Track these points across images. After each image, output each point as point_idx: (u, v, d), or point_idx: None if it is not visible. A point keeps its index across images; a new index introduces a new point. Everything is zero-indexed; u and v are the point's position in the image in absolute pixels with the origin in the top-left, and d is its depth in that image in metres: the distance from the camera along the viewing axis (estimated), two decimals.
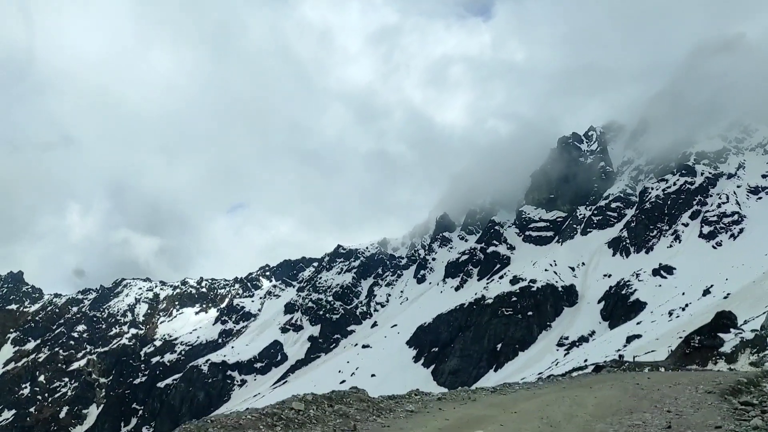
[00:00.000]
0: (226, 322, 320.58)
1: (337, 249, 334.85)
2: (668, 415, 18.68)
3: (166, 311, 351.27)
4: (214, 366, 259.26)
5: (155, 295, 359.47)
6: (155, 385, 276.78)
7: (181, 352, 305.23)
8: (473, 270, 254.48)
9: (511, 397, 26.19)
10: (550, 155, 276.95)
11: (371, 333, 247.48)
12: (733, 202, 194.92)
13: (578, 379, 38.21)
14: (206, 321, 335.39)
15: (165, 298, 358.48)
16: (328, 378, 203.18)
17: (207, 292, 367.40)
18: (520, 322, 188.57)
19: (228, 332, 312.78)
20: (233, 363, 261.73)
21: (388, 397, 26.16)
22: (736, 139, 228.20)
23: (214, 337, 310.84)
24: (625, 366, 60.79)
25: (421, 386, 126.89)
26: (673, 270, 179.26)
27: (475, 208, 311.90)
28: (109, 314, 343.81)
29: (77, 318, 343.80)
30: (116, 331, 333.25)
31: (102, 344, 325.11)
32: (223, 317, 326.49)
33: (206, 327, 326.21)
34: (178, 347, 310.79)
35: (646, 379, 32.79)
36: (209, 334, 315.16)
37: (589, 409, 21.01)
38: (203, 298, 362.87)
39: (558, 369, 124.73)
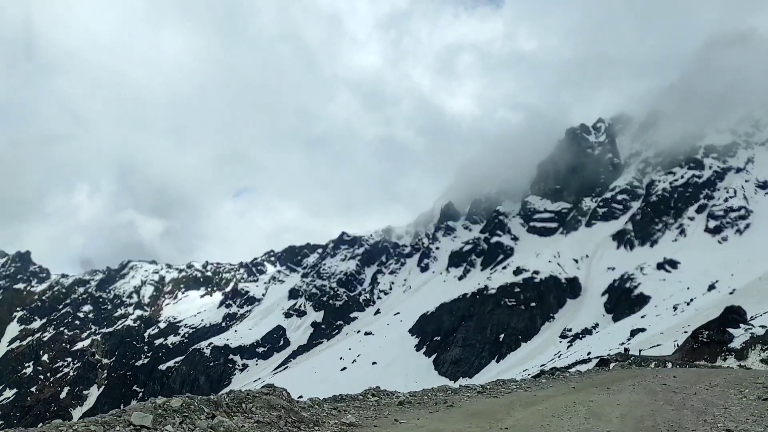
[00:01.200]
0: (231, 306, 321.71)
1: (342, 236, 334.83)
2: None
3: (172, 294, 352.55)
4: (217, 349, 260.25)
5: (161, 278, 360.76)
6: (157, 367, 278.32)
7: (185, 334, 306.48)
8: (476, 260, 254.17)
9: (502, 402, 19.95)
10: (557, 146, 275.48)
11: (374, 320, 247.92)
12: (740, 196, 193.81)
13: (589, 376, 32.77)
14: (211, 304, 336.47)
15: (170, 281, 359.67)
16: (329, 364, 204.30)
17: (212, 275, 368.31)
18: (523, 313, 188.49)
19: (232, 316, 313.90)
20: (236, 347, 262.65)
21: (331, 398, 19.80)
22: (746, 133, 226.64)
23: (218, 320, 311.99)
24: (631, 359, 60.58)
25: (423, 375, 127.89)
26: (677, 264, 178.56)
27: (480, 197, 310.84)
28: (115, 295, 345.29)
29: (83, 299, 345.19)
30: (121, 312, 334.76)
31: (107, 325, 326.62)
32: (228, 301, 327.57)
33: (210, 310, 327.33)
34: (182, 330, 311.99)
35: (671, 377, 29.23)
36: (213, 317, 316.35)
37: (614, 425, 15.35)
38: (208, 282, 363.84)
39: (561, 361, 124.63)
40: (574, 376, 33.66)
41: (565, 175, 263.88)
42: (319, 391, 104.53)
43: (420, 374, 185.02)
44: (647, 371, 37.70)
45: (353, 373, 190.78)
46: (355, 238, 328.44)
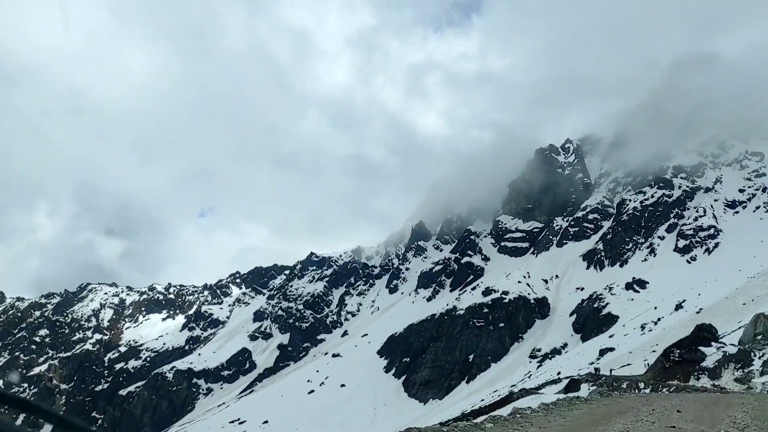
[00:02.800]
0: (194, 329, 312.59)
1: (310, 257, 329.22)
2: None
3: (132, 317, 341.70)
4: (180, 373, 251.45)
5: (121, 301, 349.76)
6: (117, 393, 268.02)
7: (146, 358, 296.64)
8: (446, 281, 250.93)
9: None
10: (528, 165, 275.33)
11: (342, 342, 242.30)
12: (710, 215, 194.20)
13: (559, 413, 23.56)
14: (173, 327, 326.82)
15: (131, 304, 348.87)
16: (296, 387, 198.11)
17: (175, 298, 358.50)
18: (492, 333, 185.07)
19: (195, 339, 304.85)
20: (199, 370, 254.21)
21: None
22: (712, 154, 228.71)
23: (180, 343, 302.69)
24: (602, 380, 57.05)
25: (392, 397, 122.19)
26: (646, 284, 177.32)
27: (451, 217, 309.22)
28: (72, 319, 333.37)
29: (40, 322, 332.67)
30: (80, 336, 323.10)
31: (65, 349, 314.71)
32: (191, 324, 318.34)
33: (173, 333, 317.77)
34: (144, 354, 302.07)
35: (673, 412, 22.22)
36: (176, 340, 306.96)
37: None
38: (171, 305, 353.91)
39: (531, 381, 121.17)
40: (537, 416, 23.08)
41: (536, 194, 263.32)
42: (286, 414, 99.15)
43: (389, 396, 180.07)
44: (633, 400, 29.28)
45: (321, 396, 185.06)
46: (323, 259, 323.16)
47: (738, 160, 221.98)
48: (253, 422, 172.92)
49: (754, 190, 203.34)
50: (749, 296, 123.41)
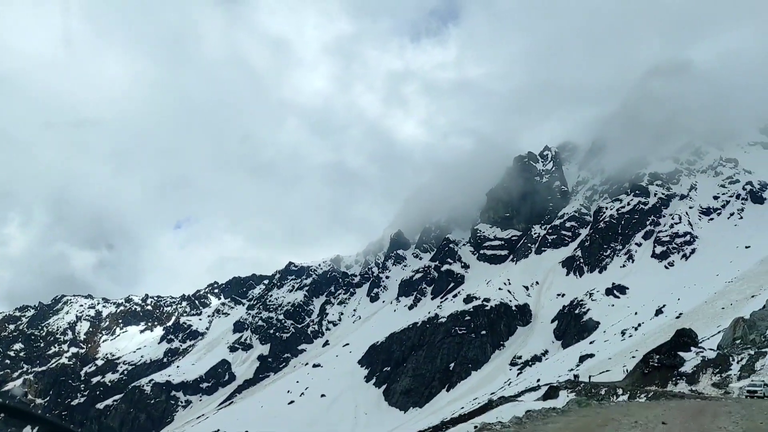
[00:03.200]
0: (172, 341, 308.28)
1: (289, 266, 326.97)
2: None
3: (109, 329, 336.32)
4: (158, 386, 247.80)
5: (97, 313, 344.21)
6: (94, 407, 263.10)
7: (124, 371, 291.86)
8: (427, 288, 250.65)
9: None
10: (506, 173, 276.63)
11: (322, 352, 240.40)
12: (685, 222, 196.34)
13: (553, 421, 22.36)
14: (151, 340, 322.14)
15: (108, 316, 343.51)
16: (276, 398, 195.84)
17: (152, 309, 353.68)
18: (474, 341, 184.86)
19: (174, 351, 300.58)
20: (178, 383, 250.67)
21: None
22: (687, 161, 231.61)
23: (159, 356, 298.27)
24: (581, 387, 56.84)
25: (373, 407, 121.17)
26: (626, 290, 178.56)
27: (430, 225, 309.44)
28: (48, 332, 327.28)
29: (14, 336, 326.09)
30: (55, 350, 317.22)
31: (40, 363, 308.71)
32: (169, 336, 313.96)
33: (151, 346, 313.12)
34: (121, 367, 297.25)
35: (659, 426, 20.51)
36: (154, 353, 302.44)
37: None
38: (148, 316, 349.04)
39: (511, 389, 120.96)
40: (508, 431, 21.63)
41: (515, 202, 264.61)
42: (266, 426, 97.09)
43: (370, 406, 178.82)
44: (613, 411, 26.90)
45: (301, 407, 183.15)
46: (302, 268, 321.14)
47: (712, 167, 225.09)
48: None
49: (729, 197, 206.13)
50: (728, 300, 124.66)
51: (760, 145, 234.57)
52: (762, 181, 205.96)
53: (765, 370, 42.18)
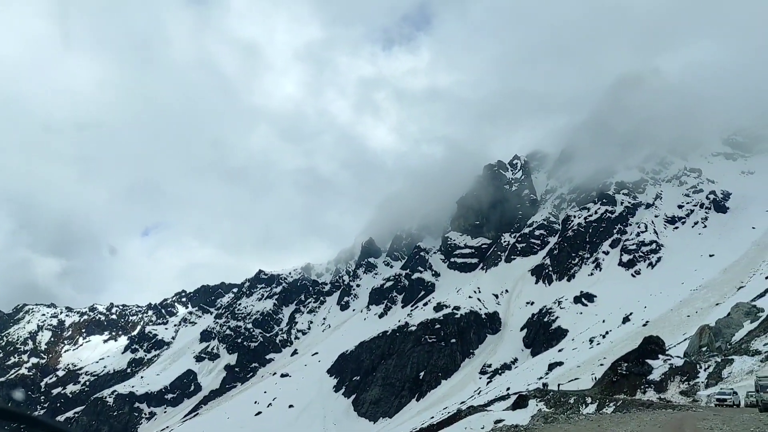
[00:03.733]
0: (137, 351, 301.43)
1: (259, 274, 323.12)
2: None
3: (72, 339, 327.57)
4: (121, 397, 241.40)
5: (60, 322, 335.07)
6: (54, 419, 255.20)
7: (86, 382, 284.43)
8: (398, 297, 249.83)
9: None
10: (476, 182, 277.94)
11: (291, 361, 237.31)
12: (651, 231, 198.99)
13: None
14: (115, 349, 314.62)
15: (71, 326, 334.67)
16: (243, 409, 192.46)
17: (117, 318, 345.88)
18: (444, 349, 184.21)
19: (138, 361, 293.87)
20: (142, 394, 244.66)
21: None
22: (653, 170, 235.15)
23: (122, 366, 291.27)
24: (549, 396, 56.27)
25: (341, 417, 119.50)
26: (594, 298, 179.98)
27: (401, 233, 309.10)
28: (7, 342, 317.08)
29: None
30: (15, 360, 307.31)
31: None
32: (134, 345, 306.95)
33: (114, 356, 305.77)
34: (83, 377, 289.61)
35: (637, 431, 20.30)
36: (117, 363, 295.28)
37: None
38: (113, 326, 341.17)
39: (481, 398, 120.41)
40: None
41: (485, 210, 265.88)
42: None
43: (339, 416, 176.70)
44: (583, 427, 26.14)
45: (269, 417, 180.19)
46: (272, 276, 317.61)
47: (677, 177, 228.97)
48: None
49: (693, 206, 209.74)
50: (693, 308, 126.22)
51: (723, 155, 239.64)
52: (725, 191, 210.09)
53: (732, 378, 42.01)
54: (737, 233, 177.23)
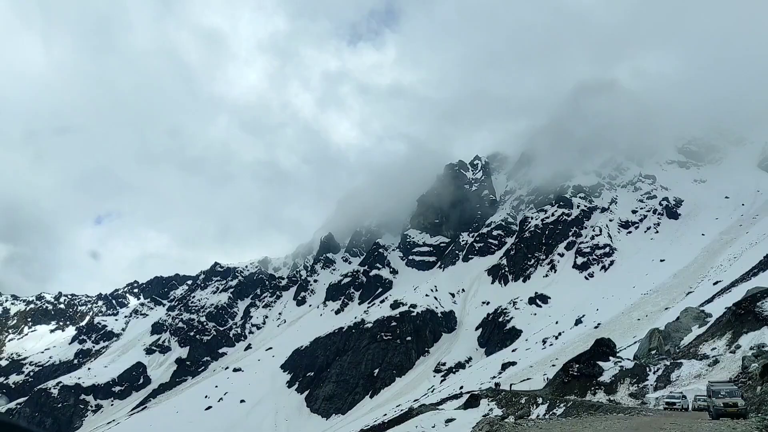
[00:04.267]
0: (85, 342, 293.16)
1: (215, 267, 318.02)
2: None
3: (17, 328, 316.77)
4: (66, 389, 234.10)
5: (5, 310, 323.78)
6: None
7: (30, 373, 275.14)
8: (355, 293, 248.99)
9: None
10: (436, 181, 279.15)
11: (244, 356, 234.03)
12: (605, 235, 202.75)
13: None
14: (62, 340, 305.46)
15: (16, 314, 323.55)
16: (193, 403, 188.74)
17: (66, 308, 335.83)
18: (399, 347, 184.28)
19: (86, 352, 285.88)
20: (88, 386, 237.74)
21: None
22: (609, 175, 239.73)
23: (69, 357, 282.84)
24: (501, 395, 56.26)
25: (294, 413, 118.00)
26: (548, 299, 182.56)
27: (361, 229, 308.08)
28: None
29: None
30: None
31: None
32: (82, 336, 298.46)
33: (61, 346, 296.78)
34: (27, 368, 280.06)
35: None
36: (64, 354, 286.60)
37: None
38: (61, 315, 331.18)
39: (434, 396, 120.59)
40: None
41: (445, 209, 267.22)
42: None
43: (291, 412, 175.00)
44: None
45: (219, 412, 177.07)
46: (228, 269, 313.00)
47: (632, 182, 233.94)
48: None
49: (646, 211, 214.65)
50: (643, 312, 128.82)
51: (677, 163, 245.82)
52: (677, 198, 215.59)
53: (680, 381, 42.49)
54: (688, 239, 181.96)
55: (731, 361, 40.65)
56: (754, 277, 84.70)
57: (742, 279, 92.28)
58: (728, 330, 46.81)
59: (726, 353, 42.72)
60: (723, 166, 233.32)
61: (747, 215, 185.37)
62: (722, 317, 53.14)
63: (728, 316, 49.92)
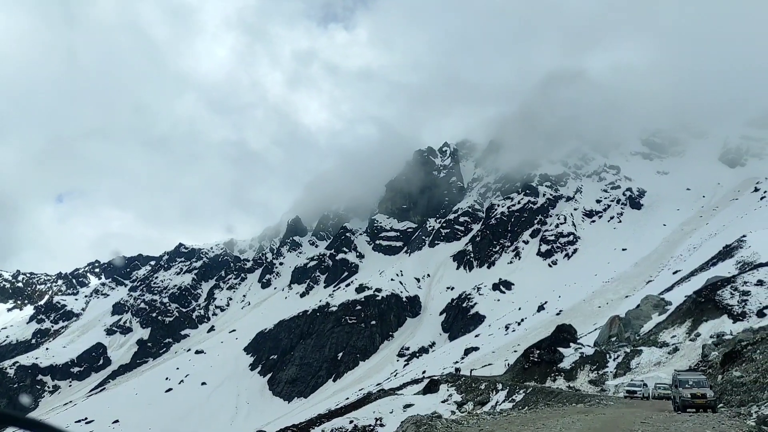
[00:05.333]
0: (43, 321, 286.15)
1: (179, 247, 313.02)
2: None
3: None
4: (23, 369, 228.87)
5: None
6: None
7: None
8: (321, 277, 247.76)
9: None
10: (405, 166, 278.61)
11: (207, 338, 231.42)
12: (569, 223, 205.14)
13: None
14: (19, 319, 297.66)
15: None
16: (153, 385, 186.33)
17: (24, 287, 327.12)
18: (363, 331, 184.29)
19: (44, 332, 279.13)
20: (46, 366, 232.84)
21: None
22: (575, 165, 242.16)
23: (26, 337, 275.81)
24: (461, 381, 56.05)
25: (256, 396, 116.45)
26: (511, 285, 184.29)
27: (328, 213, 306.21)
28: None
29: None
30: None
31: None
32: (40, 315, 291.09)
33: (19, 326, 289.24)
34: None
35: None
36: (21, 333, 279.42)
37: None
38: (18, 294, 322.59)
39: (396, 380, 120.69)
40: None
41: (413, 195, 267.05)
42: (139, 414, 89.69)
43: (253, 395, 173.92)
44: None
45: (179, 394, 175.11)
46: (193, 250, 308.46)
47: (597, 172, 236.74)
48: (102, 422, 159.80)
49: (610, 201, 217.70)
50: (604, 300, 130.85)
51: (641, 155, 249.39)
52: (640, 189, 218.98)
53: (640, 369, 42.68)
54: (649, 229, 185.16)
55: (691, 349, 40.95)
56: (713, 266, 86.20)
57: (701, 269, 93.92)
58: (688, 318, 47.22)
59: (686, 341, 43.04)
60: (685, 159, 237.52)
61: (707, 207, 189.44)
62: (682, 305, 53.68)
63: (688, 304, 50.40)
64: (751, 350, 31.32)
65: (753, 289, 48.97)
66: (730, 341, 37.93)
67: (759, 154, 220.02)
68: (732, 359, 32.98)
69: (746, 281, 50.84)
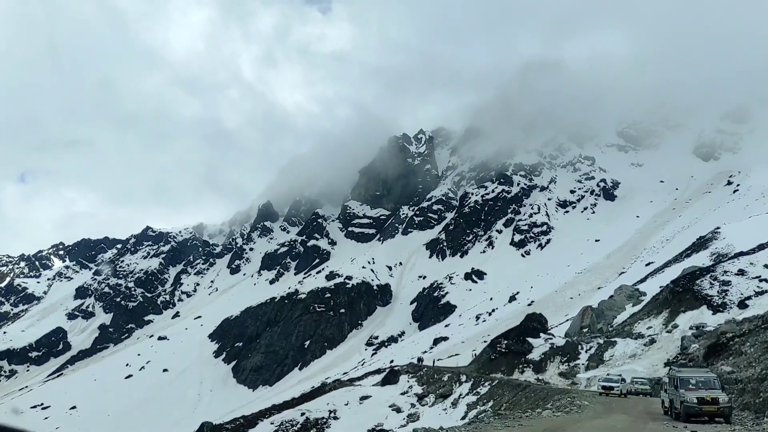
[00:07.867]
0: (2, 304, 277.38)
1: (146, 231, 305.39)
2: None
3: None
4: None
5: None
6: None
7: None
8: (291, 263, 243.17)
9: None
10: (379, 153, 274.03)
11: (171, 324, 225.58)
12: (543, 213, 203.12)
13: None
14: None
15: None
16: (113, 371, 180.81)
17: None
18: (332, 319, 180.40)
19: (3, 315, 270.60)
20: (3, 351, 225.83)
21: None
22: (550, 155, 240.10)
23: None
24: (423, 372, 52.42)
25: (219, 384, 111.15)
26: (484, 275, 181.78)
27: (301, 198, 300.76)
28: None
29: None
30: None
31: None
32: (0, 298, 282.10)
33: None
34: None
35: None
36: None
37: None
38: None
39: (362, 370, 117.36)
40: None
41: (387, 181, 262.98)
42: (98, 400, 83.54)
43: (216, 382, 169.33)
44: None
45: (140, 381, 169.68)
46: (161, 234, 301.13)
47: (572, 163, 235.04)
48: (58, 408, 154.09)
49: (584, 192, 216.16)
50: (576, 291, 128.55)
51: (616, 146, 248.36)
52: (614, 180, 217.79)
53: (614, 361, 39.40)
54: (623, 221, 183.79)
55: (669, 340, 37.69)
56: (687, 258, 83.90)
57: (675, 260, 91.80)
58: (665, 308, 44.07)
59: (663, 332, 39.81)
60: (660, 151, 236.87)
61: (680, 199, 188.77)
62: (658, 295, 50.59)
63: (665, 294, 47.29)
64: (739, 342, 28.04)
65: (734, 279, 46.07)
66: (711, 333, 34.86)
67: (732, 148, 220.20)
68: (716, 352, 29.74)
69: (726, 270, 47.94)
